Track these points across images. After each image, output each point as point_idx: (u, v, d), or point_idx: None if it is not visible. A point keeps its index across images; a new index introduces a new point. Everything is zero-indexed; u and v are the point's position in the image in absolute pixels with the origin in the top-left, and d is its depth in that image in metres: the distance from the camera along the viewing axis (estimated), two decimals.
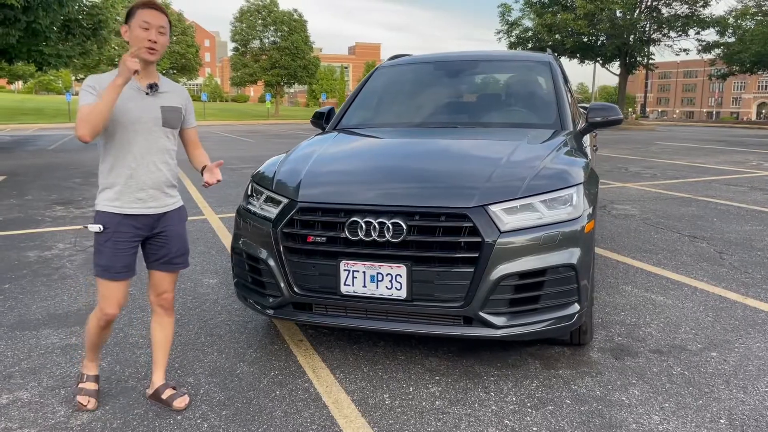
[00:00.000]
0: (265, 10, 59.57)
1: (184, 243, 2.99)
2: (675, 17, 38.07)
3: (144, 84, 2.73)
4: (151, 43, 2.65)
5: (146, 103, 2.72)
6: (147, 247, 2.89)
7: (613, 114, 4.33)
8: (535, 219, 3.03)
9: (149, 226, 2.82)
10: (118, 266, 2.74)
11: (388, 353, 3.55)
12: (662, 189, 10.22)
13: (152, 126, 2.74)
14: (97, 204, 2.77)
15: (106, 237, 2.72)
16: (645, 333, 3.86)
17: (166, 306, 3.02)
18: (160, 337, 3.05)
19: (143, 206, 2.76)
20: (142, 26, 2.62)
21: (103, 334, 2.95)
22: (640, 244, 6.21)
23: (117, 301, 2.81)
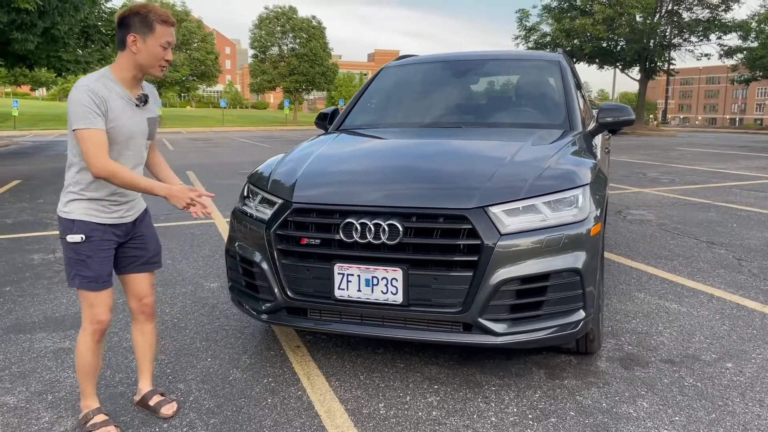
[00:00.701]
0: (284, 17, 59.81)
1: (159, 242, 2.92)
2: (696, 21, 37.52)
3: (134, 95, 2.59)
4: (166, 63, 2.56)
5: (137, 116, 2.59)
6: (120, 252, 2.73)
7: (625, 114, 4.18)
8: (538, 221, 2.89)
9: (126, 233, 2.72)
10: (104, 275, 2.61)
11: (386, 361, 3.43)
12: (680, 194, 9.98)
13: (140, 139, 2.64)
14: (71, 212, 2.55)
15: (90, 247, 2.55)
16: (657, 342, 3.69)
17: (149, 312, 2.89)
18: (142, 344, 2.93)
19: (124, 215, 2.67)
20: (163, 45, 2.51)
21: (98, 353, 2.73)
22: (655, 250, 6.02)
23: (109, 307, 2.68)
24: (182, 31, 54.15)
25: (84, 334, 2.68)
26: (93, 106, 2.40)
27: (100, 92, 2.44)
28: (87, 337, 2.68)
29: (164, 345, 3.67)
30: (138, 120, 2.60)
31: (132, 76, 2.55)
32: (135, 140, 2.61)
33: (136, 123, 2.59)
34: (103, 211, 2.59)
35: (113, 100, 2.48)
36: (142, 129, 2.63)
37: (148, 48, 2.49)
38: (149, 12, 2.48)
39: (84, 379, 2.73)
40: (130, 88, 2.57)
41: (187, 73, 54.62)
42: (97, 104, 2.41)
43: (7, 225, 7.34)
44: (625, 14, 36.18)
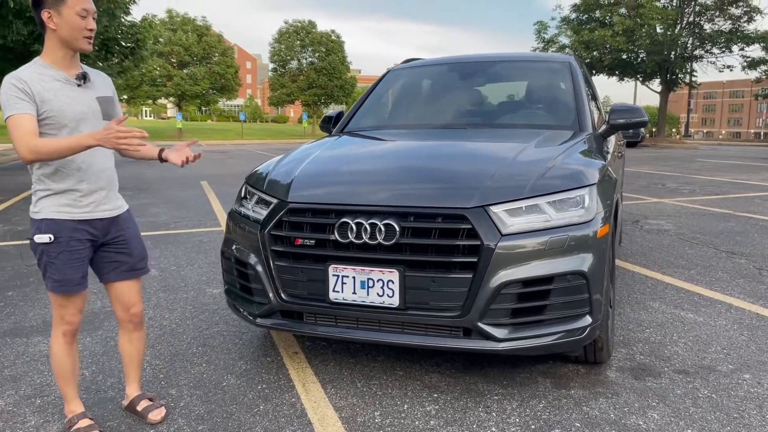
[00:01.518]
0: (303, 32, 60.29)
1: (143, 246, 2.76)
2: (718, 33, 37.08)
3: (71, 74, 2.43)
4: (90, 32, 2.40)
5: (81, 96, 2.45)
6: (102, 256, 2.61)
7: (637, 116, 4.02)
8: (542, 221, 2.76)
9: (104, 231, 2.56)
10: (76, 278, 2.48)
11: (386, 368, 3.30)
12: (700, 205, 9.74)
13: (94, 120, 2.47)
14: (39, 212, 2.44)
15: (59, 248, 2.43)
16: (671, 352, 3.52)
17: (137, 321, 2.79)
18: (130, 351, 2.83)
19: (96, 209, 2.51)
20: (80, 14, 2.35)
21: (72, 354, 2.62)
22: (673, 260, 5.83)
23: (79, 309, 2.58)
24: (203, 45, 54.79)
25: (55, 336, 2.59)
26: (17, 91, 2.28)
27: (28, 77, 2.32)
28: (59, 338, 2.58)
29: (160, 350, 3.58)
30: (83, 100, 2.46)
31: (61, 55, 2.41)
32: (88, 121, 2.45)
33: (81, 103, 2.44)
34: (72, 205, 2.45)
35: (46, 83, 2.35)
36: (92, 109, 2.48)
37: (65, 20, 2.34)
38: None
39: (63, 383, 2.64)
40: (65, 69, 2.43)
41: (207, 86, 55.14)
42: (22, 89, 2.29)
43: (17, 231, 7.35)
44: (645, 26, 35.86)
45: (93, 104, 2.50)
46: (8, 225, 7.81)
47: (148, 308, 4.34)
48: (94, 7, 2.44)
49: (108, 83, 2.67)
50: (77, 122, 2.42)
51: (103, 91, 2.58)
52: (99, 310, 4.30)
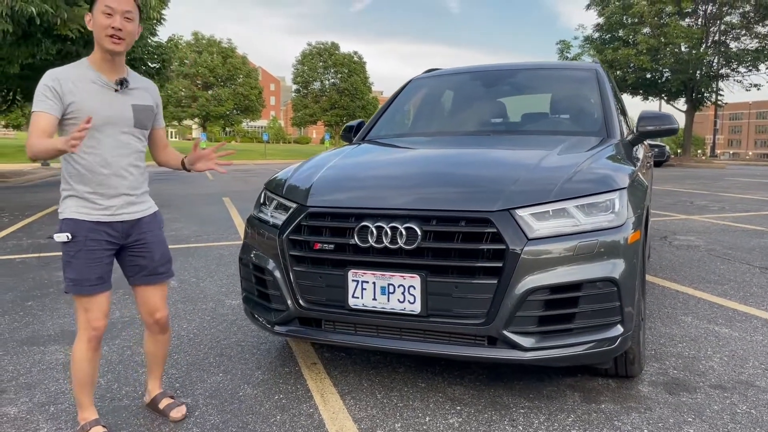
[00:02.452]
0: (326, 53, 60.98)
1: (167, 250, 2.71)
2: (744, 51, 36.61)
3: (112, 79, 2.44)
4: (115, 30, 2.34)
5: (116, 101, 2.44)
6: (125, 259, 2.61)
7: (667, 123, 3.90)
8: (570, 226, 2.65)
9: (124, 234, 2.53)
10: (92, 278, 2.44)
11: (407, 380, 3.19)
12: (731, 221, 9.49)
13: (123, 127, 2.46)
14: (62, 212, 2.46)
15: (76, 247, 2.42)
16: (706, 367, 3.36)
17: (162, 325, 2.77)
18: (154, 351, 2.83)
19: (115, 213, 2.48)
20: (105, 12, 2.33)
21: (94, 362, 2.57)
22: (704, 275, 5.64)
23: (103, 313, 2.53)
24: (227, 66, 55.62)
25: (79, 342, 2.53)
26: (45, 89, 2.31)
27: (63, 75, 2.35)
28: (82, 345, 2.53)
29: (176, 359, 3.51)
30: (116, 105, 2.44)
31: (100, 57, 2.42)
32: (115, 126, 2.43)
33: (112, 108, 2.42)
34: (92, 207, 2.43)
35: (80, 83, 2.37)
36: (123, 116, 2.45)
37: (95, 20, 2.37)
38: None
39: (80, 389, 2.58)
40: (106, 72, 2.43)
41: (231, 107, 55.85)
42: (51, 87, 2.31)
43: (40, 245, 7.38)
44: (669, 44, 35.56)
45: (126, 111, 2.47)
46: (32, 238, 7.86)
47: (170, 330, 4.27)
48: (127, 7, 2.38)
49: (153, 93, 2.65)
50: (102, 126, 2.40)
51: (143, 100, 2.56)
52: (117, 319, 4.26)
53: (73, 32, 11.32)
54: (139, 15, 2.47)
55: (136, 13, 2.43)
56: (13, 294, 5.00)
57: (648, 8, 35.53)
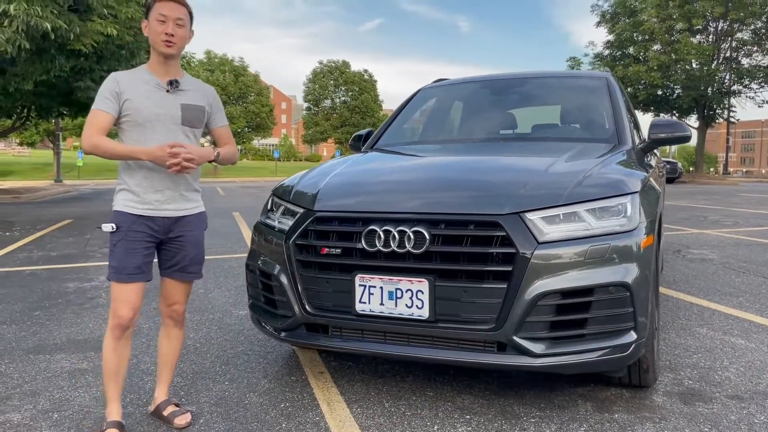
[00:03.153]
0: (337, 71, 61.40)
1: (201, 251, 2.80)
2: (756, 68, 36.48)
3: (164, 80, 2.61)
4: (168, 36, 2.54)
5: (165, 100, 2.59)
6: (162, 251, 2.72)
7: (679, 130, 3.85)
8: (581, 230, 2.60)
9: (165, 229, 2.64)
10: (130, 267, 2.55)
11: (415, 389, 3.13)
12: (745, 236, 9.37)
13: (170, 124, 2.59)
14: (114, 204, 2.63)
15: (119, 237, 2.56)
16: (722, 377, 3.28)
17: (176, 318, 2.84)
18: (166, 349, 2.86)
19: (158, 208, 2.61)
20: (158, 19, 2.53)
21: (119, 353, 2.62)
22: (719, 287, 5.54)
23: (130, 304, 2.58)
24: (239, 84, 56.05)
25: (108, 329, 2.63)
26: (105, 89, 2.51)
27: (121, 77, 2.56)
28: (109, 332, 2.62)
29: (182, 368, 3.47)
30: (166, 104, 2.58)
31: (155, 60, 2.61)
32: (163, 124, 2.57)
33: (161, 106, 2.57)
34: (138, 201, 2.57)
35: (136, 83, 2.56)
36: (171, 113, 2.59)
37: (150, 27, 2.57)
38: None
39: (106, 380, 2.65)
40: (160, 75, 2.61)
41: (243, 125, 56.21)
42: (111, 88, 2.51)
43: (51, 257, 7.40)
44: (680, 61, 35.50)
45: (174, 110, 2.60)
46: (42, 251, 7.89)
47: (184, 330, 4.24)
48: (178, 14, 2.56)
49: (206, 94, 2.76)
50: (152, 123, 2.56)
51: (194, 100, 2.68)
52: None
53: (86, 47, 11.45)
54: (191, 21, 2.65)
55: (188, 20, 2.62)
56: (21, 304, 4.99)
57: (658, 25, 35.57)
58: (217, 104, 2.83)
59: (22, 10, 9.90)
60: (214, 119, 2.81)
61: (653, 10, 35.74)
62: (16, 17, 9.91)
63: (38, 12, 10.06)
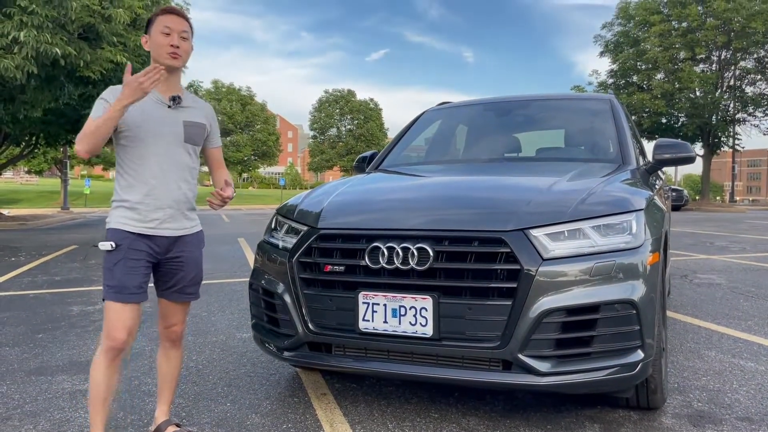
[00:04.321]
0: (342, 100, 61.96)
1: (200, 271, 2.72)
2: (760, 96, 36.63)
3: (166, 96, 2.56)
4: (174, 48, 2.50)
5: (167, 116, 2.54)
6: (159, 272, 2.63)
7: (684, 151, 3.84)
8: (586, 247, 2.58)
9: (165, 249, 2.56)
10: (131, 286, 2.45)
11: (419, 410, 3.08)
12: (753, 261, 9.30)
13: (172, 141, 2.55)
14: (109, 222, 2.52)
15: (118, 256, 2.45)
16: (732, 399, 3.22)
17: (175, 339, 2.76)
18: (166, 370, 2.78)
19: (159, 227, 2.52)
20: (163, 32, 2.49)
21: (110, 376, 2.50)
22: (727, 311, 5.48)
23: (127, 326, 2.47)
24: (246, 113, 56.63)
25: (99, 351, 2.52)
26: (102, 101, 2.42)
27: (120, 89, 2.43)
28: (101, 354, 2.50)
29: (184, 389, 3.44)
30: (168, 121, 2.53)
31: None
32: (164, 140, 2.51)
33: (163, 123, 2.52)
34: (138, 219, 2.48)
35: None
36: (174, 130, 2.54)
37: (153, 39, 2.52)
38: (155, 12, 2.58)
39: (93, 405, 2.50)
40: (160, 90, 2.55)
41: (249, 153, 56.64)
42: (108, 100, 2.40)
43: (55, 281, 7.40)
44: (684, 89, 35.68)
45: (177, 127, 2.56)
46: (47, 276, 7.89)
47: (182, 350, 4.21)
48: (182, 27, 2.54)
49: (206, 113, 2.73)
50: (155, 139, 2.50)
51: (195, 118, 2.63)
52: None
53: (95, 74, 11.59)
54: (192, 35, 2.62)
55: (190, 33, 2.59)
56: (24, 327, 4.98)
57: (661, 54, 35.85)
58: (215, 123, 2.79)
59: (32, 37, 10.05)
60: (212, 139, 2.77)
61: (656, 40, 36.08)
62: (26, 44, 10.07)
63: (48, 39, 10.22)
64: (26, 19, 10.25)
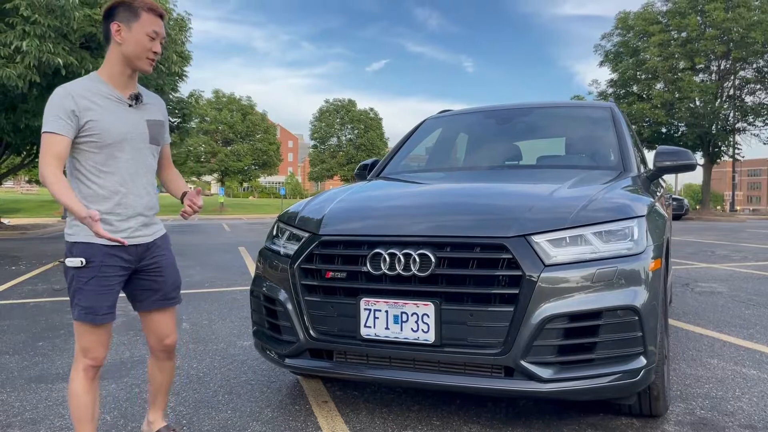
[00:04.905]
0: (343, 110, 62.13)
1: (178, 274, 2.61)
2: (760, 105, 36.70)
3: (125, 94, 2.36)
4: (155, 55, 2.34)
5: (130, 116, 2.36)
6: (136, 283, 2.47)
7: (684, 158, 3.84)
8: (588, 253, 2.58)
9: (138, 257, 2.41)
10: (104, 307, 2.30)
11: (421, 417, 3.07)
12: (754, 270, 9.28)
13: (138, 143, 2.38)
14: (73, 235, 2.31)
15: (90, 273, 2.28)
16: (734, 407, 3.21)
17: (170, 351, 2.65)
18: (160, 380, 2.69)
19: (132, 235, 2.37)
20: (149, 34, 2.30)
21: (93, 393, 2.40)
22: (729, 319, 5.47)
23: (103, 344, 2.39)
24: (246, 122, 56.74)
25: (76, 371, 2.38)
26: (59, 108, 2.20)
27: (77, 92, 2.25)
28: (79, 374, 2.37)
29: (185, 397, 3.43)
30: (132, 121, 2.36)
31: (119, 71, 2.34)
32: (132, 143, 2.35)
33: (129, 124, 2.35)
34: (109, 231, 2.26)
35: (96, 99, 2.28)
36: (140, 131, 2.38)
37: (134, 36, 2.29)
38: (134, 0, 2.31)
39: (80, 425, 2.39)
40: (120, 87, 2.35)
41: (249, 162, 56.71)
42: (65, 106, 2.21)
43: (55, 290, 7.39)
44: (684, 99, 35.75)
45: (141, 126, 2.39)
46: (47, 284, 7.89)
47: (177, 358, 4.17)
48: (165, 33, 2.39)
49: (161, 107, 2.57)
50: (121, 143, 2.32)
51: (155, 115, 2.49)
52: (127, 359, 4.19)
53: None
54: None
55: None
56: (25, 335, 4.96)
57: (661, 63, 35.94)
58: (167, 118, 2.62)
59: (35, 46, 10.10)
60: (165, 135, 2.60)
61: (655, 50, 36.17)
62: (29, 53, 10.10)
63: (50, 48, 10.26)
64: (29, 28, 10.31)
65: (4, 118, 12.97)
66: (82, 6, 10.90)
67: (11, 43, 10.21)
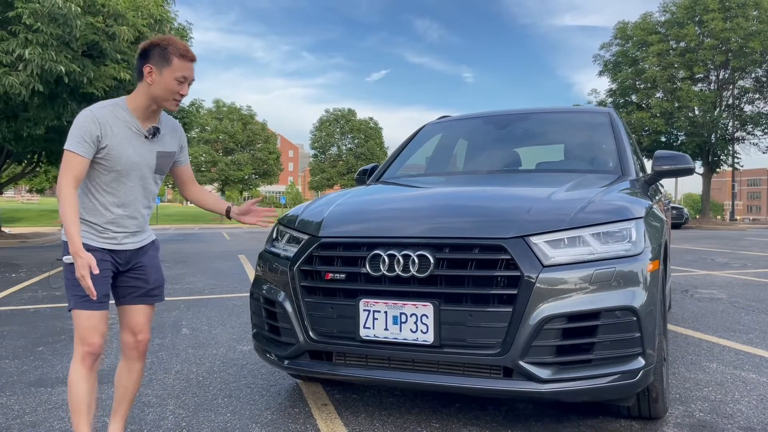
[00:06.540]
0: (343, 119, 62.30)
1: (161, 275, 2.70)
2: (759, 115, 36.79)
3: (145, 126, 2.50)
4: (182, 97, 2.48)
5: (144, 148, 2.50)
6: (121, 281, 2.59)
7: (682, 162, 3.86)
8: (586, 254, 2.59)
9: (126, 260, 2.56)
10: (99, 294, 2.40)
11: (421, 420, 3.07)
12: (754, 277, 9.28)
13: (146, 172, 2.54)
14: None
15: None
16: (734, 410, 3.21)
17: (141, 349, 2.67)
18: (126, 384, 2.68)
19: (122, 242, 2.52)
20: (178, 79, 2.43)
21: (90, 383, 2.47)
22: (728, 324, 5.47)
23: (100, 331, 2.45)
24: (247, 132, 56.86)
25: (75, 362, 2.46)
26: (84, 131, 2.35)
27: (103, 117, 2.39)
28: (77, 363, 2.45)
29: (184, 400, 3.43)
30: (144, 152, 2.50)
31: (145, 106, 2.48)
32: (139, 172, 2.50)
33: (140, 155, 2.49)
34: (98, 236, 2.46)
35: (116, 127, 2.42)
36: (148, 161, 2.52)
37: (164, 80, 2.42)
38: (168, 45, 2.43)
39: (76, 416, 2.44)
40: (142, 119, 2.49)
41: (250, 171, 56.79)
42: (89, 131, 2.35)
43: (54, 296, 7.40)
44: (683, 108, 35.83)
45: (151, 158, 2.53)
46: (47, 291, 7.90)
47: (176, 362, 4.22)
48: (194, 77, 2.50)
49: (180, 134, 2.71)
50: (128, 170, 2.47)
51: (168, 146, 2.61)
52: None
53: (98, 91, 11.67)
54: None
55: None
56: (25, 340, 4.97)
57: (660, 73, 36.06)
58: (185, 142, 2.77)
59: (37, 54, 10.15)
60: (182, 158, 2.75)
61: (654, 59, 36.31)
62: (31, 61, 10.16)
63: (52, 56, 10.32)
64: (31, 36, 10.37)
65: (6, 127, 13.02)
66: (84, 14, 10.97)
67: (14, 52, 10.27)
